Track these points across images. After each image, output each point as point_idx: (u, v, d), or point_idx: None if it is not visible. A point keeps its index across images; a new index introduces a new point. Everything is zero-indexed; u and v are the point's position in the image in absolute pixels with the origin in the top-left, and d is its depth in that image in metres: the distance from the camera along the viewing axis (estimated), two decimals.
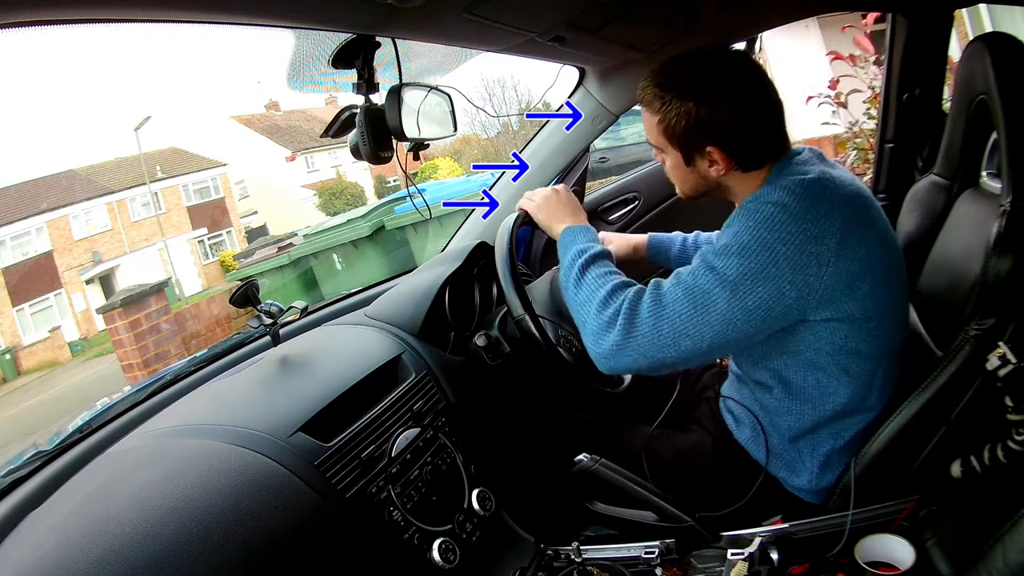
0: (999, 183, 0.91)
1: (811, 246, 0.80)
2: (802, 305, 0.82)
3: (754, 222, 0.83)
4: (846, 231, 0.82)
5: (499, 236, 1.11)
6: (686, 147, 0.89)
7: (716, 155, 0.88)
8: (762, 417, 0.94)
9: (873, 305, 0.85)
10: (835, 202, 0.83)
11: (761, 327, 0.83)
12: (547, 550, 0.93)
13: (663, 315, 0.84)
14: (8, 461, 0.92)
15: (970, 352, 0.81)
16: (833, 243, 0.81)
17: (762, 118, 0.88)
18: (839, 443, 0.90)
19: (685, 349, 0.83)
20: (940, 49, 1.38)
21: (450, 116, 1.06)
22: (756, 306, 0.81)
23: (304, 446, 0.84)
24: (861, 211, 0.86)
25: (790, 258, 0.80)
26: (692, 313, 0.83)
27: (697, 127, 0.87)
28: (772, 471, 0.94)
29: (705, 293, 0.82)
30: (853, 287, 0.83)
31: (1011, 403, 0.78)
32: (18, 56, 23.58)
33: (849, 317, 0.84)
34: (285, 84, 1.03)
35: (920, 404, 0.83)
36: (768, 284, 0.80)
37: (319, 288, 5.74)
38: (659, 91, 0.88)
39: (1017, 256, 0.80)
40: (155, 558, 0.66)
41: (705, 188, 0.94)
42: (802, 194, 0.83)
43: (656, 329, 0.84)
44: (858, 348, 0.86)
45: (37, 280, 15.99)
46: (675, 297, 0.84)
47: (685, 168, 0.92)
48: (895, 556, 0.77)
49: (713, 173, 0.90)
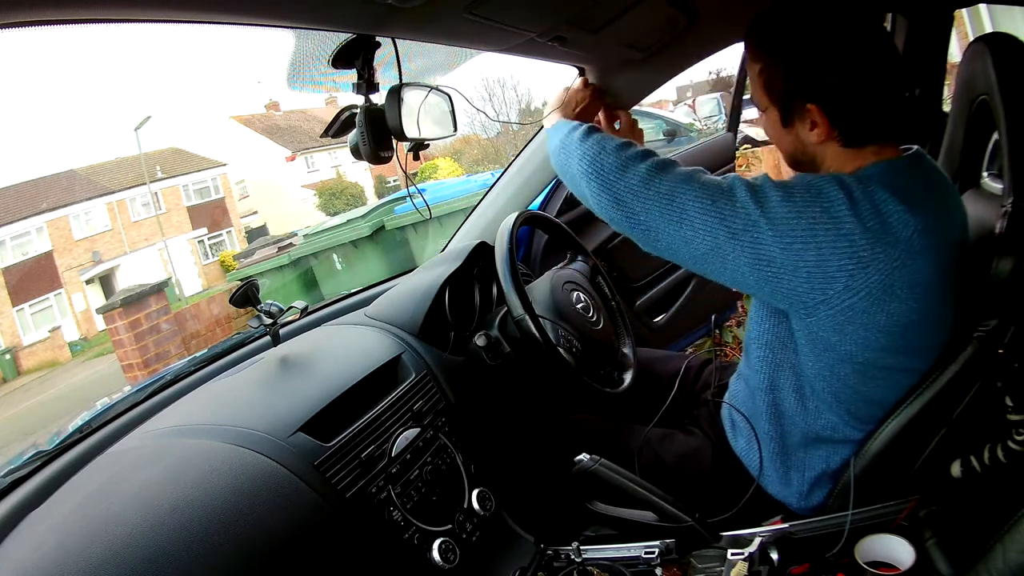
0: (1000, 184, 0.90)
1: (850, 263, 0.72)
2: (810, 305, 0.77)
3: (814, 188, 0.74)
4: (896, 276, 0.73)
5: (499, 236, 1.11)
6: (785, 103, 0.81)
7: (816, 116, 0.78)
8: (760, 424, 0.93)
9: (887, 363, 0.80)
10: (913, 236, 0.73)
11: (761, 284, 0.78)
12: (547, 550, 0.93)
13: (691, 184, 0.79)
14: (8, 461, 0.92)
15: (972, 353, 0.81)
16: (875, 279, 0.73)
17: (875, 85, 0.77)
18: (831, 467, 0.88)
19: (683, 237, 0.79)
20: (940, 49, 1.38)
21: (450, 116, 1.06)
22: (767, 259, 0.75)
23: (304, 446, 0.84)
24: (937, 265, 0.76)
25: (822, 251, 0.73)
26: (711, 206, 0.77)
27: (800, 80, 0.78)
28: (763, 484, 0.93)
29: (734, 199, 0.76)
30: (870, 335, 0.77)
31: (1011, 403, 0.78)
32: (18, 56, 23.58)
33: (851, 357, 0.79)
34: (285, 84, 1.03)
35: (921, 405, 0.83)
36: (786, 253, 0.74)
37: (319, 288, 5.74)
38: (761, 38, 0.81)
39: (1018, 257, 0.79)
40: (155, 558, 0.66)
41: (803, 156, 0.84)
42: (884, 208, 0.73)
43: (680, 188, 0.79)
44: (858, 392, 0.83)
45: (37, 280, 15.99)
46: (708, 181, 0.79)
47: (782, 129, 0.83)
48: (895, 556, 0.77)
49: (813, 138, 0.80)
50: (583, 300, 1.20)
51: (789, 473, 0.91)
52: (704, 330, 1.93)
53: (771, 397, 0.90)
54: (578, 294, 1.20)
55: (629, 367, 1.19)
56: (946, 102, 1.40)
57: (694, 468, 1.00)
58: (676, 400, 1.13)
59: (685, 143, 5.33)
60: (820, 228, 0.73)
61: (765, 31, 0.81)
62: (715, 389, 1.09)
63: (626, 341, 1.25)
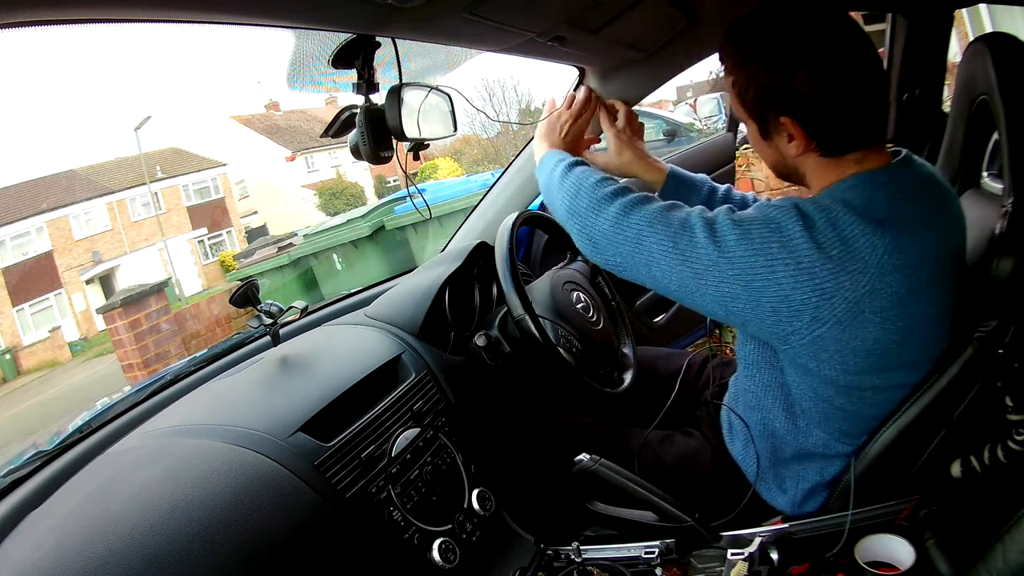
0: (1000, 184, 0.90)
1: (813, 295, 0.71)
2: (780, 336, 0.76)
3: (771, 222, 0.73)
4: (865, 302, 0.71)
5: (499, 236, 1.11)
6: (760, 116, 0.79)
7: (791, 128, 0.76)
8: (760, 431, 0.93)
9: (872, 384, 0.79)
10: (883, 257, 0.71)
11: (730, 318, 0.79)
12: (547, 550, 0.93)
13: (659, 222, 0.79)
14: (8, 461, 0.92)
15: (972, 354, 0.81)
16: (841, 308, 0.71)
17: (850, 92, 0.74)
18: (824, 478, 0.88)
19: (654, 277, 0.80)
20: (940, 49, 1.38)
21: (450, 116, 1.06)
22: (731, 296, 0.75)
23: (304, 446, 0.84)
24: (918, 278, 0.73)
25: (782, 286, 0.72)
26: (674, 247, 0.77)
27: (770, 93, 0.75)
28: (758, 489, 0.93)
29: (693, 242, 0.76)
30: (847, 360, 0.76)
31: (1011, 403, 0.78)
32: (18, 56, 23.58)
33: (832, 381, 0.78)
34: (285, 84, 1.02)
35: (922, 407, 0.83)
36: (748, 291, 0.74)
37: (319, 288, 5.74)
38: (732, 49, 0.79)
39: (1019, 257, 0.79)
40: (155, 558, 0.66)
41: (785, 168, 0.83)
42: (848, 232, 0.71)
43: (650, 227, 0.79)
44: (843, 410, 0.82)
45: (37, 280, 16.00)
46: (672, 219, 0.78)
47: (762, 142, 0.82)
48: (895, 556, 0.77)
49: (792, 150, 0.78)
50: (583, 300, 1.20)
51: (784, 483, 0.91)
52: (703, 330, 1.93)
53: (760, 416, 0.91)
54: (578, 294, 1.20)
55: (629, 367, 1.19)
56: (946, 102, 1.40)
57: (693, 469, 1.00)
58: (677, 400, 1.13)
59: (685, 143, 5.32)
60: (779, 264, 0.72)
61: (736, 42, 0.79)
62: (715, 389, 1.09)
63: (626, 341, 1.25)
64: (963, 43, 3.65)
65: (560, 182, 0.91)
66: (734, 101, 0.82)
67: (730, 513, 0.92)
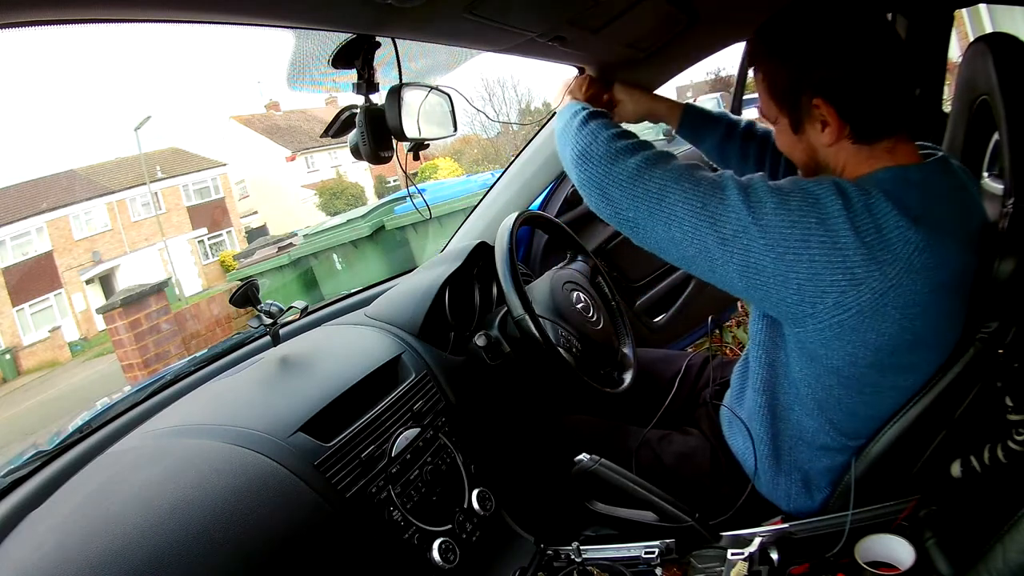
0: (1001, 184, 0.90)
1: (842, 278, 0.70)
2: (798, 316, 0.75)
3: (812, 196, 0.71)
4: (889, 296, 0.70)
5: (499, 236, 1.11)
6: (792, 104, 0.78)
7: (825, 111, 0.75)
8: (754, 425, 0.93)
9: (874, 382, 0.78)
10: (913, 253, 0.70)
11: (749, 291, 0.76)
12: (547, 550, 0.93)
13: (685, 181, 0.75)
14: (8, 461, 0.92)
15: (973, 355, 0.81)
16: (867, 297, 0.70)
17: (879, 74, 0.74)
18: (815, 470, 0.88)
19: (671, 238, 0.77)
20: (940, 49, 1.37)
21: (450, 116, 1.06)
22: (756, 269, 0.73)
23: (304, 446, 0.84)
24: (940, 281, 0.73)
25: (814, 264, 0.70)
26: (701, 209, 0.74)
27: (803, 75, 0.75)
28: (757, 485, 0.93)
29: (723, 204, 0.73)
30: (858, 353, 0.75)
31: (1011, 403, 0.77)
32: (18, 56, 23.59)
33: (837, 371, 0.77)
34: (285, 84, 1.02)
35: (923, 407, 0.83)
36: (777, 263, 0.71)
37: (319, 288, 5.74)
38: (763, 46, 0.79)
39: (1020, 258, 0.79)
40: (155, 558, 0.66)
41: (817, 166, 0.81)
42: (883, 220, 0.70)
43: (671, 184, 0.76)
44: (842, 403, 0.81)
45: (37, 280, 16.00)
46: (701, 179, 0.75)
47: (794, 138, 0.80)
48: (895, 556, 0.77)
49: (825, 139, 0.77)
50: (583, 300, 1.20)
51: (779, 476, 0.91)
52: (704, 330, 1.93)
53: (765, 398, 0.90)
54: (578, 294, 1.20)
55: (629, 367, 1.19)
56: (946, 102, 1.40)
57: (692, 468, 1.00)
58: (677, 401, 1.13)
59: (685, 143, 5.31)
60: (814, 239, 0.70)
61: (766, 35, 0.80)
62: (714, 388, 1.09)
63: (626, 341, 1.25)
64: (963, 43, 3.65)
65: (578, 128, 0.86)
66: (764, 96, 0.81)
67: (729, 511, 0.92)
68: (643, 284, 1.80)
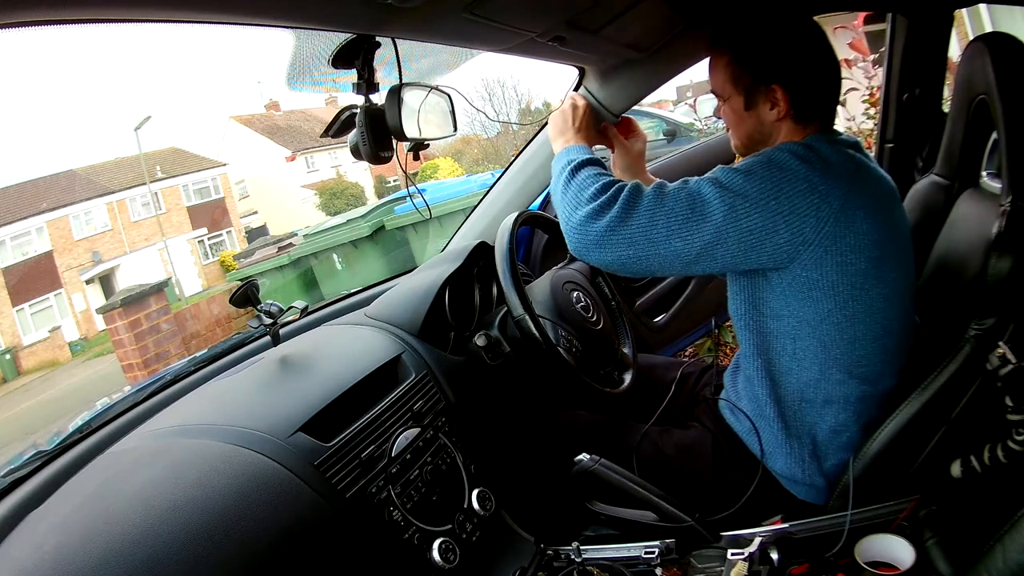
0: (999, 183, 0.91)
1: (814, 197, 0.83)
2: (791, 251, 0.84)
3: (767, 159, 0.87)
4: (850, 199, 0.84)
5: (499, 236, 1.11)
6: (751, 85, 0.93)
7: (779, 95, 0.92)
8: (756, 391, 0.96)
9: (864, 285, 0.86)
10: (852, 173, 0.86)
11: (748, 254, 0.86)
12: (547, 550, 0.93)
13: (662, 209, 0.87)
14: (8, 461, 0.92)
15: (970, 352, 0.81)
16: (836, 204, 0.84)
17: (825, 75, 0.94)
18: (824, 429, 0.90)
19: (673, 251, 0.87)
20: (940, 49, 1.37)
21: (450, 116, 1.06)
22: (749, 229, 0.84)
23: (304, 446, 0.84)
24: (879, 196, 0.89)
25: (792, 199, 0.83)
26: (689, 215, 0.86)
27: (767, 64, 0.92)
28: (769, 466, 0.94)
29: (706, 202, 0.86)
30: (846, 258, 0.85)
31: (1011, 403, 0.78)
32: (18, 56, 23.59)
33: (833, 287, 0.86)
34: (285, 84, 1.03)
35: (920, 404, 0.83)
36: (765, 214, 0.84)
37: (319, 288, 5.74)
38: (737, 44, 0.95)
39: (1017, 256, 0.80)
40: (155, 558, 0.66)
41: (759, 137, 0.96)
42: (825, 155, 0.86)
43: (652, 221, 0.87)
44: (840, 328, 0.88)
45: (37, 280, 16.01)
46: (677, 197, 0.87)
47: (744, 113, 0.96)
48: (895, 556, 0.77)
49: (772, 116, 0.93)
50: (583, 300, 1.20)
51: (790, 441, 0.93)
52: (704, 330, 1.93)
53: (761, 361, 0.94)
54: (578, 294, 1.20)
55: (629, 367, 1.19)
56: (946, 102, 1.40)
57: (695, 460, 1.00)
58: (676, 403, 1.13)
59: (685, 143, 5.32)
60: (785, 183, 0.84)
61: (742, 38, 0.95)
62: (714, 386, 1.09)
63: (626, 341, 1.25)
64: (963, 43, 3.65)
65: (564, 187, 0.96)
66: (723, 77, 0.96)
67: (737, 501, 0.92)
68: (643, 284, 1.80)
